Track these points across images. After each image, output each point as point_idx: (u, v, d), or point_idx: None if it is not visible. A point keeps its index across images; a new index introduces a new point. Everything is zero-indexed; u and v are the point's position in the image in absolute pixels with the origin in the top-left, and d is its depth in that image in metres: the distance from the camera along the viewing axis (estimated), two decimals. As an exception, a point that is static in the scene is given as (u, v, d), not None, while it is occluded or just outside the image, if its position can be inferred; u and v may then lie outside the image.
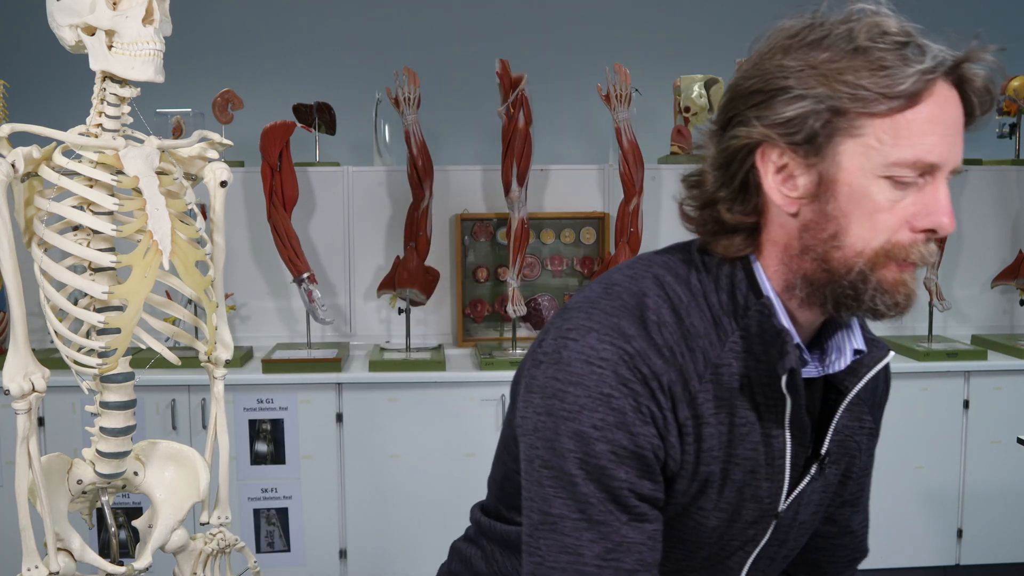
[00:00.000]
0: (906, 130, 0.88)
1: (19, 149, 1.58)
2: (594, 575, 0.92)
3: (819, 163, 0.91)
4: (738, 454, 0.98)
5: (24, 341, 1.62)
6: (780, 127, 0.91)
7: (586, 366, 0.93)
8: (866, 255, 0.91)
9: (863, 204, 0.90)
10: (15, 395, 1.61)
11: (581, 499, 0.92)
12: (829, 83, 0.89)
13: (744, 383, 0.97)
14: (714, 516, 1.00)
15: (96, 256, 1.62)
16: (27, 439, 1.64)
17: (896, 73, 0.88)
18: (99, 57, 1.60)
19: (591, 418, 0.92)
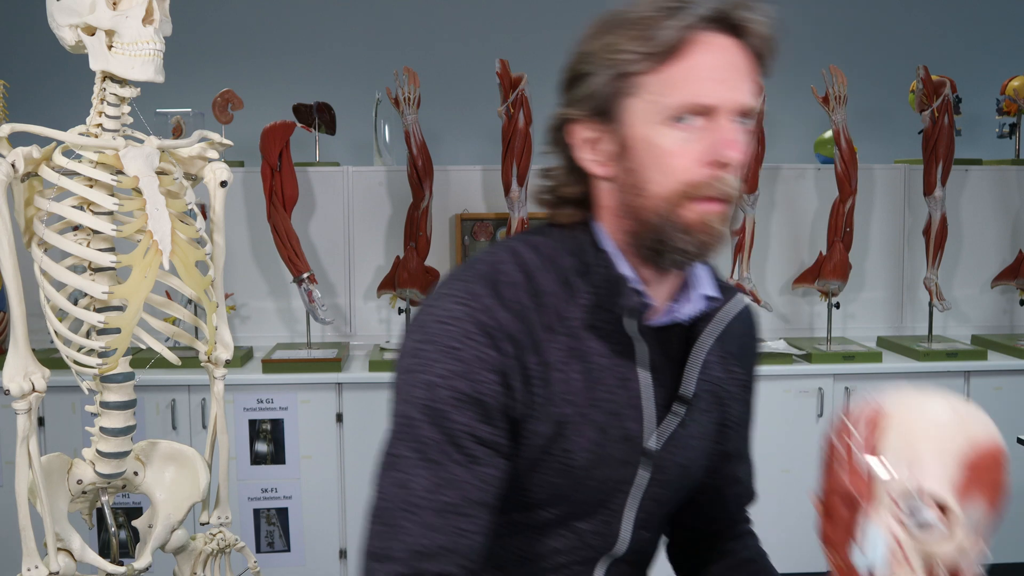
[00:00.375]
0: (675, 79, 0.97)
1: (19, 149, 1.58)
2: (420, 505, 0.98)
3: (616, 127, 1.01)
4: (597, 397, 1.05)
5: (24, 341, 1.62)
6: (579, 104, 1.02)
7: (438, 325, 1.01)
8: (666, 199, 1.00)
9: (653, 153, 0.99)
10: (15, 395, 1.61)
11: (420, 440, 1.00)
12: (610, 56, 0.99)
13: (596, 332, 1.05)
14: (580, 456, 1.05)
15: (96, 256, 1.62)
16: (27, 439, 1.64)
17: (654, 32, 0.96)
18: (99, 57, 1.60)
19: (438, 369, 1.00)
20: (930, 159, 3.58)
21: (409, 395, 1.02)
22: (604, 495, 1.10)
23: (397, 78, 3.51)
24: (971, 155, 4.07)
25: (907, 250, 4.01)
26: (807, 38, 4.55)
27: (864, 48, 4.54)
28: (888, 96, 4.46)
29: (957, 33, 4.59)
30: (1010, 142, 4.09)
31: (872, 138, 4.37)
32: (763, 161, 3.51)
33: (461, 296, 1.02)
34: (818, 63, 3.64)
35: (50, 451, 1.81)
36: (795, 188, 3.96)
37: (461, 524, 0.99)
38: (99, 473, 1.78)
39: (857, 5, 4.58)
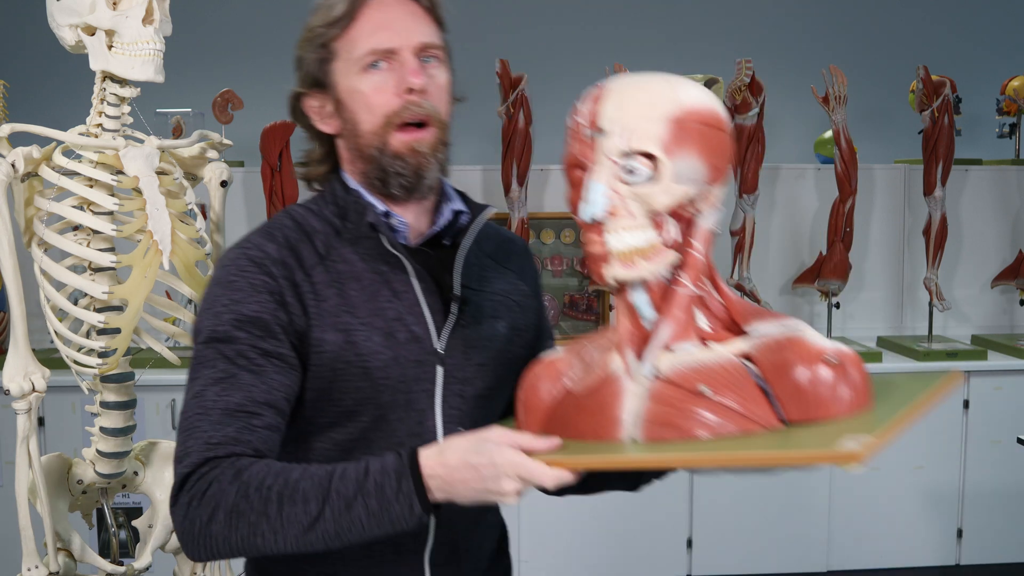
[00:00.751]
0: (357, 37, 1.20)
1: (19, 149, 1.58)
2: (210, 408, 1.12)
3: (329, 90, 1.23)
4: (377, 306, 1.21)
5: (24, 341, 1.62)
6: (304, 82, 1.25)
7: (220, 269, 1.20)
8: (376, 133, 1.21)
9: (357, 98, 1.21)
10: (15, 395, 1.61)
11: (210, 362, 1.15)
12: (310, 36, 1.23)
13: (365, 256, 1.23)
14: (374, 358, 1.19)
15: (96, 256, 1.62)
16: (27, 439, 1.64)
17: (330, 7, 1.21)
18: (99, 57, 1.60)
19: (222, 300, 1.17)
20: (930, 159, 3.58)
21: (202, 328, 1.17)
22: (407, 394, 1.21)
23: (397, 78, 3.50)
24: (971, 155, 4.07)
25: (907, 250, 4.01)
26: (807, 38, 4.55)
27: (864, 48, 4.54)
28: (888, 96, 4.46)
29: (957, 33, 4.59)
30: (1010, 142, 4.09)
31: (872, 138, 4.37)
32: (763, 161, 3.51)
33: (238, 245, 1.22)
34: (818, 63, 3.64)
35: (50, 451, 1.81)
36: (795, 188, 3.96)
37: (250, 421, 1.12)
38: (99, 473, 1.78)
39: (857, 5, 4.58)
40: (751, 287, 3.59)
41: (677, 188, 1.05)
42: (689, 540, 3.52)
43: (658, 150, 1.04)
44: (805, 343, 1.06)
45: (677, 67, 4.29)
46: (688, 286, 1.09)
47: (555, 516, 3.45)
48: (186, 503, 1.08)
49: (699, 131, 1.05)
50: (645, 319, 1.10)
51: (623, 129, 1.05)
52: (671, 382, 1.06)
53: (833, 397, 1.04)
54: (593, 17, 4.46)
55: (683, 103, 1.06)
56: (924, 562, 3.60)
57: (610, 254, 1.06)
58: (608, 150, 1.06)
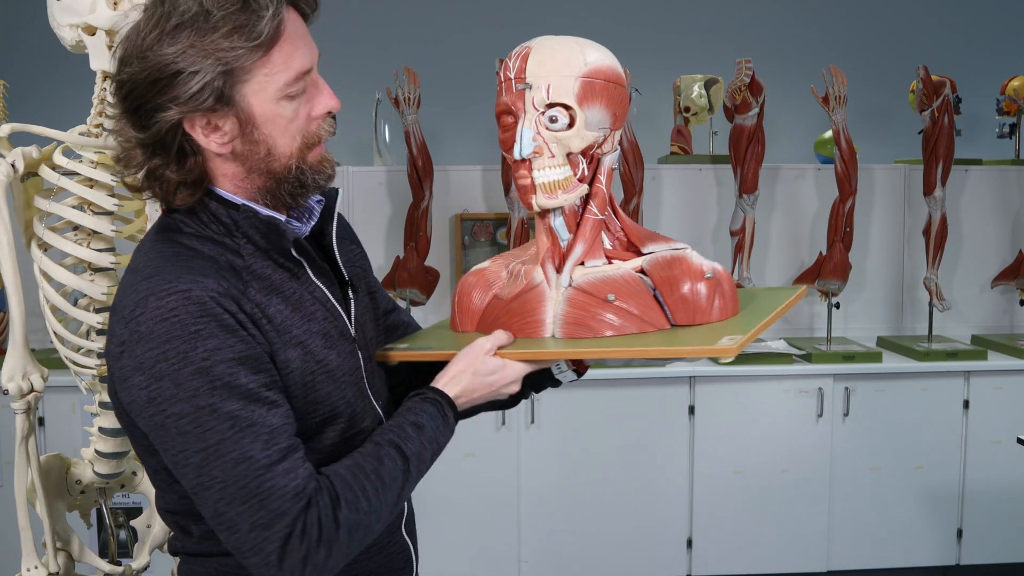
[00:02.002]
0: (279, 59, 1.14)
1: (19, 149, 1.58)
2: (267, 465, 1.08)
3: (233, 110, 1.14)
4: (305, 313, 1.21)
5: (23, 341, 1.62)
6: (192, 101, 1.11)
7: (164, 324, 1.08)
8: (295, 155, 1.19)
9: (278, 123, 1.17)
10: (13, 395, 1.61)
11: (225, 416, 1.08)
12: (211, 54, 1.10)
13: (271, 268, 1.20)
14: (330, 359, 1.22)
15: (95, 256, 1.62)
16: (26, 439, 1.64)
17: (253, 28, 1.11)
18: (100, 57, 1.60)
19: (198, 354, 1.08)
20: (930, 159, 3.58)
21: (185, 392, 1.08)
22: (356, 385, 1.27)
23: (397, 78, 3.50)
24: (971, 155, 4.07)
25: (907, 250, 4.01)
26: (807, 38, 4.55)
27: (864, 48, 4.54)
28: (888, 96, 4.46)
29: (957, 33, 4.59)
30: (1010, 142, 4.09)
31: (872, 138, 4.37)
32: (763, 161, 3.51)
33: (164, 290, 1.10)
34: (818, 63, 3.64)
35: (50, 451, 1.81)
36: (795, 188, 3.96)
37: (298, 454, 1.12)
38: (97, 473, 1.78)
39: (857, 5, 4.58)
40: (751, 287, 3.59)
41: (588, 133, 1.29)
42: (689, 540, 3.52)
43: (573, 102, 1.27)
44: (689, 262, 1.33)
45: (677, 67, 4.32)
46: (596, 213, 1.34)
47: (555, 516, 3.45)
48: (301, 559, 1.08)
49: (604, 87, 1.28)
50: (562, 239, 1.35)
51: (543, 83, 1.27)
52: (584, 291, 1.31)
53: (710, 306, 1.31)
54: (593, 17, 4.46)
55: (591, 63, 1.28)
56: (924, 562, 3.60)
57: (536, 186, 1.30)
58: (534, 101, 1.28)
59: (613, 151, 1.35)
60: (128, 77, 1.14)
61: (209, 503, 1.09)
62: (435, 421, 1.24)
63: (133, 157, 1.18)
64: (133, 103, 1.15)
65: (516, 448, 3.41)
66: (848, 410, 3.50)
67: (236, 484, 1.07)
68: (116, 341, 1.13)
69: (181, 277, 1.11)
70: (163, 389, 1.08)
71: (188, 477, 1.10)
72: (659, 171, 3.90)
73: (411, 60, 3.60)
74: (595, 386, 3.43)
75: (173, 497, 1.23)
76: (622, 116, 1.33)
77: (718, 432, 3.47)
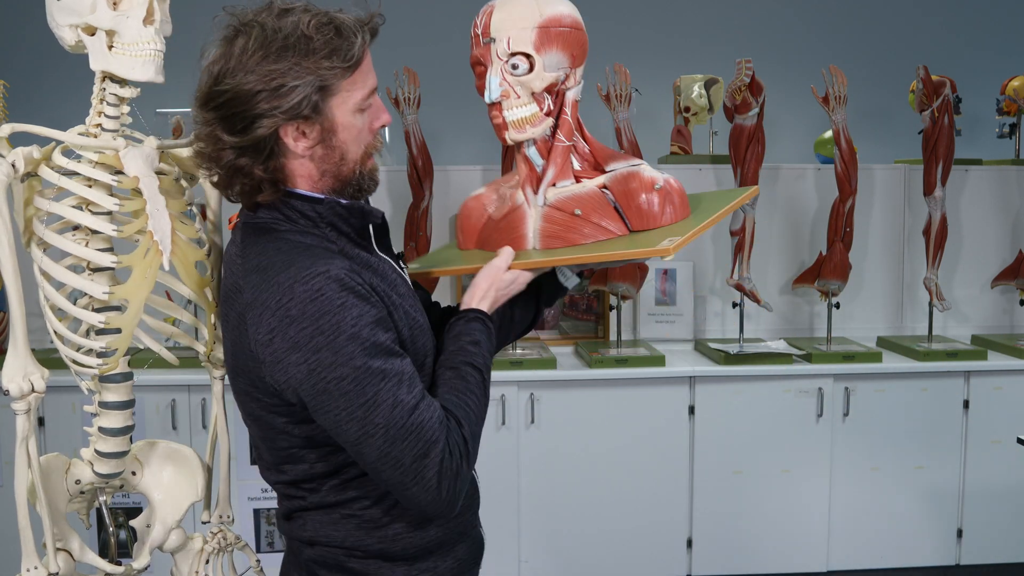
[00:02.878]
0: (359, 78, 1.36)
1: (19, 149, 1.57)
2: (414, 405, 1.29)
3: (321, 119, 1.34)
4: (390, 281, 1.42)
5: (24, 341, 1.62)
6: (292, 110, 1.31)
7: (315, 303, 1.27)
8: (359, 160, 1.41)
9: (352, 132, 1.38)
10: (14, 395, 1.61)
11: (377, 371, 1.28)
12: (313, 72, 1.30)
13: (357, 249, 1.41)
14: (421, 318, 1.45)
15: (96, 256, 1.62)
16: (27, 439, 1.64)
17: (347, 52, 1.32)
18: (99, 57, 1.59)
19: (348, 322, 1.27)
20: (930, 159, 3.58)
21: (343, 356, 1.26)
22: (429, 333, 1.48)
23: (397, 78, 3.50)
24: (971, 155, 4.07)
25: (907, 250, 4.01)
26: (807, 38, 4.55)
27: (864, 48, 4.54)
28: (888, 96, 4.46)
29: (957, 33, 4.59)
30: (1010, 142, 4.09)
31: (872, 138, 4.37)
32: (763, 161, 3.51)
33: (306, 276, 1.28)
34: (818, 63, 3.64)
35: (50, 451, 1.81)
36: (795, 188, 3.96)
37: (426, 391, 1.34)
38: (97, 473, 1.77)
39: (857, 5, 4.58)
40: (751, 287, 3.59)
41: (547, 75, 1.50)
42: (689, 540, 3.53)
43: (531, 50, 1.47)
44: (642, 175, 1.55)
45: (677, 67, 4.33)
46: (563, 140, 1.57)
47: (555, 516, 3.45)
48: (452, 476, 1.31)
49: (559, 33, 1.49)
50: (537, 165, 1.58)
51: (504, 37, 1.47)
52: (556, 207, 1.55)
53: (662, 212, 1.53)
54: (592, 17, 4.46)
55: (545, 13, 1.49)
56: (924, 562, 3.60)
57: (508, 124, 1.52)
58: (498, 52, 1.48)
59: (577, 84, 1.56)
60: (230, 87, 1.30)
61: (373, 449, 1.29)
62: (484, 334, 1.48)
63: (223, 157, 1.35)
64: (231, 110, 1.32)
65: (516, 448, 3.41)
66: (848, 410, 3.50)
67: (396, 425, 1.27)
68: (265, 329, 1.30)
69: (315, 263, 1.29)
70: (322, 359, 1.27)
71: (351, 432, 1.29)
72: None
73: (411, 60, 3.60)
74: (595, 386, 3.43)
75: (305, 467, 1.43)
76: (580, 55, 1.54)
77: (718, 432, 3.47)
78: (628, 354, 3.52)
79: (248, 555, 1.99)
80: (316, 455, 1.42)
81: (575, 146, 1.59)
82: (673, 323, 3.91)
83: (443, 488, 1.31)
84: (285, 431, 1.41)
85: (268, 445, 1.47)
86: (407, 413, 1.28)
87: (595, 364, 3.45)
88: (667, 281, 3.90)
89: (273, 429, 1.43)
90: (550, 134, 1.56)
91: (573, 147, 1.58)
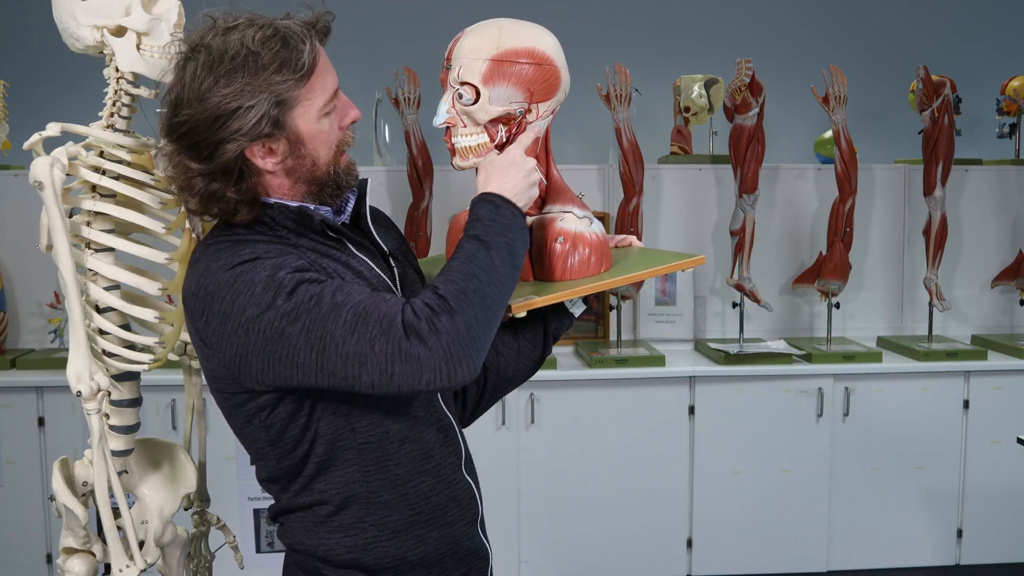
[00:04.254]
0: (317, 84, 1.33)
1: (61, 149, 1.59)
2: (362, 300, 1.25)
3: (285, 133, 1.32)
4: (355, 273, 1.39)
5: (85, 342, 1.62)
6: (252, 131, 1.29)
7: (228, 273, 1.27)
8: (331, 161, 1.39)
9: (320, 137, 1.36)
10: (86, 396, 1.62)
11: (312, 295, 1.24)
12: (266, 89, 1.28)
13: (322, 252, 1.38)
14: None
15: (150, 254, 1.65)
16: (103, 438, 1.66)
17: (296, 61, 1.29)
18: (127, 58, 1.61)
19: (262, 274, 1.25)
20: (930, 159, 3.58)
21: (264, 303, 1.24)
22: None
23: (397, 78, 3.50)
24: (971, 155, 4.07)
25: (907, 250, 4.01)
26: (807, 38, 4.55)
27: (864, 48, 4.54)
28: (888, 96, 4.46)
29: (957, 33, 4.59)
30: (1010, 142, 4.09)
31: (872, 138, 4.37)
32: (763, 161, 3.51)
33: (229, 262, 1.28)
34: (818, 63, 3.64)
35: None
36: (795, 188, 3.96)
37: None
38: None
39: (857, 5, 4.58)
40: (751, 287, 3.59)
41: (493, 108, 1.46)
42: (689, 540, 3.53)
43: (477, 82, 1.45)
44: (552, 226, 1.53)
45: (677, 67, 4.32)
46: None
47: (555, 516, 3.45)
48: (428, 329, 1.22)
49: (512, 67, 1.45)
50: None
51: (458, 65, 1.47)
52: None
53: (562, 265, 1.51)
54: (592, 17, 4.46)
55: (503, 46, 1.45)
56: (924, 562, 3.60)
57: (455, 150, 1.50)
58: (452, 79, 1.48)
59: (542, 119, 1.52)
60: (188, 118, 1.28)
61: (336, 362, 1.24)
62: (488, 208, 1.37)
63: (194, 185, 1.33)
64: (194, 139, 1.29)
65: (516, 448, 3.41)
66: (848, 410, 3.50)
67: (345, 325, 1.22)
68: (198, 315, 1.31)
69: (241, 250, 1.29)
70: (248, 316, 1.25)
71: (310, 364, 1.25)
72: (659, 171, 3.90)
73: (411, 60, 3.60)
74: (595, 386, 3.43)
75: (272, 464, 1.41)
76: (542, 91, 1.48)
77: (718, 432, 3.47)
78: (628, 354, 3.52)
79: (224, 534, 2.04)
80: (278, 452, 1.39)
81: None
82: (673, 323, 3.91)
83: (429, 347, 1.21)
84: (250, 423, 1.38)
85: (244, 442, 1.45)
86: (354, 306, 1.23)
87: (595, 364, 3.45)
88: (667, 281, 3.90)
89: (241, 423, 1.41)
90: None
91: None
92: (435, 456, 1.44)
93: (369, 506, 1.38)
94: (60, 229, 1.55)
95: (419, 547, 1.41)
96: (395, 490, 1.39)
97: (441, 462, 1.45)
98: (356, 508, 1.38)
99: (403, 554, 1.40)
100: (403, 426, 1.41)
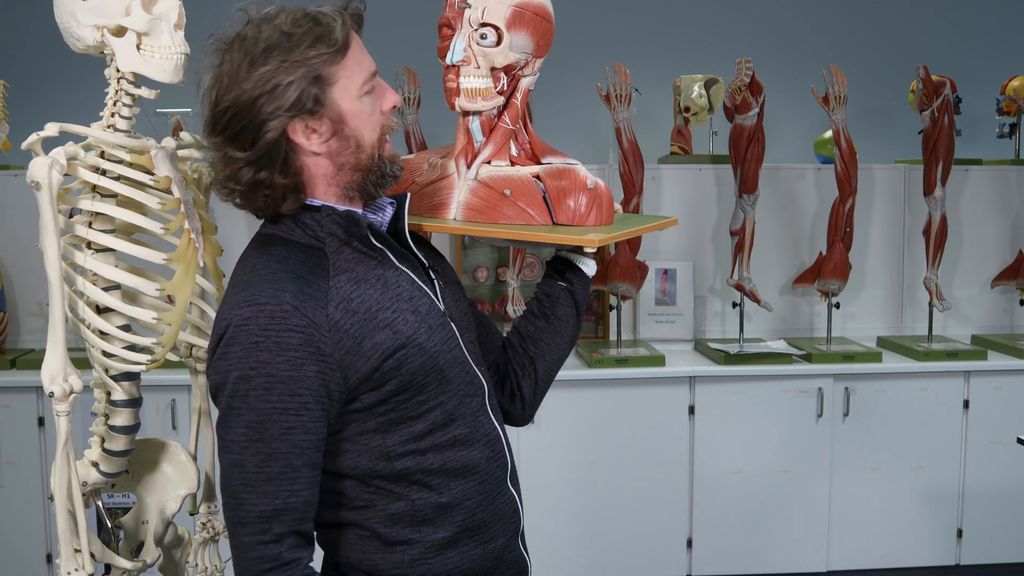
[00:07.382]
0: (353, 63, 1.34)
1: (60, 149, 1.58)
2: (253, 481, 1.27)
3: (326, 111, 1.32)
4: (395, 295, 1.37)
5: (64, 343, 1.62)
6: (294, 107, 1.29)
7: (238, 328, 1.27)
8: (375, 144, 1.38)
9: (362, 117, 1.35)
10: (58, 397, 1.62)
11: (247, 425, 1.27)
12: (302, 64, 1.29)
13: (359, 260, 1.37)
14: (420, 335, 1.36)
15: (149, 254, 1.65)
16: (68, 441, 1.66)
17: (330, 37, 1.31)
18: (128, 58, 1.60)
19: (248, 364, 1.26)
20: (930, 159, 3.58)
21: (229, 387, 1.26)
22: (450, 353, 1.42)
23: (397, 78, 3.50)
24: (971, 155, 4.07)
25: (907, 250, 4.01)
26: (807, 38, 4.55)
27: (864, 48, 4.54)
28: (888, 96, 4.46)
29: (957, 33, 4.59)
30: (1010, 142, 4.09)
31: (872, 138, 4.37)
32: (763, 161, 3.51)
33: (247, 300, 1.27)
34: (818, 63, 3.64)
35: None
36: (795, 188, 3.96)
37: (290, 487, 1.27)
38: (104, 473, 1.78)
39: (857, 5, 4.59)
40: (751, 287, 3.59)
41: (511, 54, 1.52)
42: (689, 540, 3.53)
43: (502, 24, 1.49)
44: (576, 174, 1.57)
45: (677, 67, 4.31)
46: (508, 124, 1.58)
47: (555, 516, 3.45)
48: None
49: (531, 18, 1.52)
50: (476, 140, 1.59)
51: (482, 6, 1.49)
52: (486, 184, 1.57)
53: (588, 213, 1.56)
54: (593, 17, 4.46)
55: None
56: (924, 562, 3.60)
57: (460, 90, 1.53)
58: (471, 18, 1.50)
59: (533, 75, 1.58)
60: (230, 103, 1.29)
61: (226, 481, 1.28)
62: None
63: (241, 175, 1.33)
64: (238, 125, 1.30)
65: (516, 448, 3.41)
66: (848, 410, 3.51)
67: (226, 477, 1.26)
68: (211, 347, 1.32)
69: (264, 289, 1.28)
70: (225, 384, 1.27)
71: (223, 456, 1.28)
72: (659, 171, 3.90)
73: (411, 60, 3.60)
74: (595, 386, 3.43)
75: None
76: (544, 46, 1.56)
77: (718, 432, 3.48)
78: (628, 354, 3.52)
79: None
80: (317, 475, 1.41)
81: (516, 133, 1.62)
82: (673, 323, 3.91)
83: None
84: None
85: None
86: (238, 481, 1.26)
87: (595, 364, 3.45)
88: (667, 281, 3.90)
89: None
90: (496, 114, 1.58)
91: (515, 133, 1.61)
92: (481, 471, 1.44)
93: (415, 523, 1.39)
94: (51, 230, 1.54)
95: (463, 564, 1.42)
96: (441, 508, 1.40)
97: (487, 477, 1.45)
98: (402, 526, 1.39)
99: (448, 571, 1.41)
100: (447, 448, 1.42)
